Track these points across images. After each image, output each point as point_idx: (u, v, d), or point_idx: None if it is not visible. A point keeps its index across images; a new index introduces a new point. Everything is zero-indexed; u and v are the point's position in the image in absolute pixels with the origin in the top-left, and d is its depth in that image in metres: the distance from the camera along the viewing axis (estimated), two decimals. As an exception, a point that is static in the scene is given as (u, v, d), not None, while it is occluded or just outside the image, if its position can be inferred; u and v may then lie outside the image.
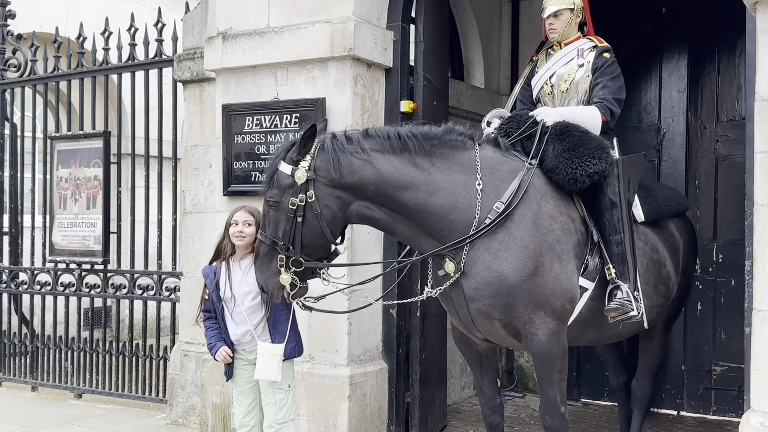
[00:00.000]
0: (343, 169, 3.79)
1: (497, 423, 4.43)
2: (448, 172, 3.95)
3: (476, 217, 3.91)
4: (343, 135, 3.90)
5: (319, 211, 3.78)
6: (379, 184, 3.85)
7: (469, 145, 4.06)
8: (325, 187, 3.79)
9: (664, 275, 4.66)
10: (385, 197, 3.88)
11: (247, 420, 4.29)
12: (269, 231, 3.84)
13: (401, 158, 3.89)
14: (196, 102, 6.38)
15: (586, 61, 4.66)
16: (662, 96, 6.93)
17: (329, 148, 3.81)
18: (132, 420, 6.50)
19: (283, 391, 4.18)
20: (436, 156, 3.96)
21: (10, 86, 8.00)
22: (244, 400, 4.29)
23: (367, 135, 3.92)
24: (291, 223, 3.77)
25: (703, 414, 6.60)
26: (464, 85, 7.38)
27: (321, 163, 3.79)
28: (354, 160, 3.81)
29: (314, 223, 3.79)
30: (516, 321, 3.96)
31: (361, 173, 3.83)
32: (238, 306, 4.18)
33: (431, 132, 4.01)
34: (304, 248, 3.80)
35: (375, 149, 3.86)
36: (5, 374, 7.86)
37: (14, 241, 7.96)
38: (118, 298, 7.16)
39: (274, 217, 3.82)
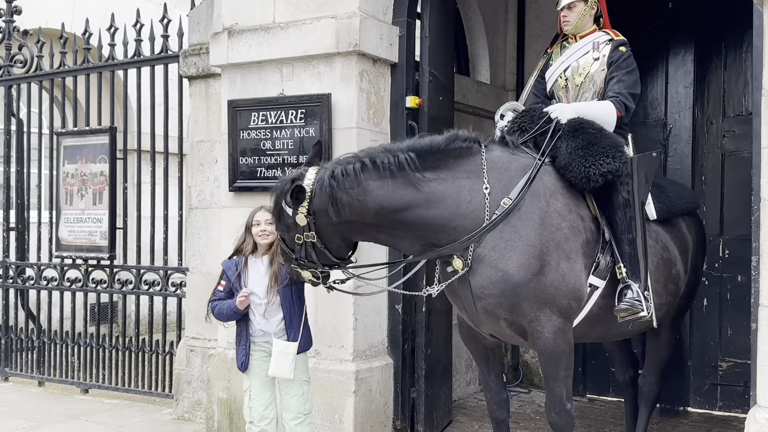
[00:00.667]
0: (341, 210, 3.83)
1: (503, 418, 4.43)
2: (453, 181, 3.92)
3: (485, 219, 3.90)
4: (340, 171, 3.84)
5: (323, 246, 3.91)
6: (378, 212, 3.86)
7: (474, 149, 4.03)
8: (326, 225, 3.87)
9: (674, 274, 4.65)
10: (384, 221, 3.91)
11: (267, 412, 4.38)
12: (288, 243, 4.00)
13: (398, 181, 3.85)
14: (202, 98, 6.39)
15: (602, 54, 4.62)
16: (668, 91, 6.91)
17: (326, 190, 3.81)
18: (138, 415, 6.53)
19: (307, 383, 4.38)
20: (439, 169, 3.92)
21: (17, 82, 8.03)
22: (265, 392, 4.38)
23: (363, 167, 3.86)
24: (302, 249, 3.93)
25: (709, 410, 6.59)
26: (470, 81, 7.37)
27: (319, 205, 3.84)
28: (352, 199, 3.82)
29: (321, 251, 3.93)
30: (522, 320, 3.96)
31: (359, 208, 3.85)
32: (260, 300, 4.32)
33: (434, 145, 3.96)
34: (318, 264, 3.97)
35: (372, 179, 3.84)
36: (12, 369, 7.90)
37: (21, 236, 7.99)
38: (124, 293, 7.18)
39: (288, 240, 3.99)
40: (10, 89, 8.08)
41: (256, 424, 4.36)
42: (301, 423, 4.32)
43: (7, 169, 8.08)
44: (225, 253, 5.70)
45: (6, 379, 7.89)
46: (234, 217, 5.67)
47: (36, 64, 7.81)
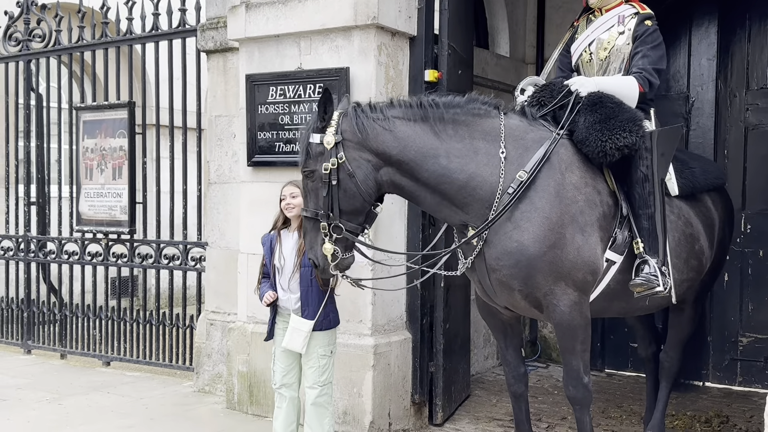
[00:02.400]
0: (367, 133, 3.86)
1: (521, 392, 4.44)
2: (470, 141, 3.94)
3: (500, 187, 3.89)
4: (367, 104, 3.97)
5: (351, 171, 3.84)
6: (400, 151, 3.88)
7: (493, 113, 4.04)
8: (354, 149, 3.86)
9: (697, 250, 4.60)
10: (407, 165, 3.90)
11: (287, 379, 4.52)
12: (311, 204, 3.94)
13: (423, 127, 3.92)
14: (220, 72, 6.37)
15: (627, 28, 4.54)
16: (691, 64, 6.82)
17: (352, 113, 3.90)
18: (159, 387, 6.60)
19: (326, 357, 4.44)
20: (458, 124, 3.96)
21: (35, 56, 8.05)
22: (285, 360, 4.50)
23: (390, 104, 3.99)
24: (327, 188, 3.84)
25: (729, 385, 6.58)
26: (489, 54, 7.30)
27: (346, 127, 3.87)
28: (376, 126, 3.88)
29: (349, 184, 3.85)
30: (537, 292, 3.95)
31: (383, 139, 3.87)
32: (285, 275, 4.43)
33: (454, 101, 4.02)
34: (343, 213, 3.86)
35: (397, 117, 3.92)
36: (35, 342, 8.00)
37: (42, 211, 8.05)
38: (144, 267, 7.23)
39: (312, 188, 3.91)
40: (29, 64, 8.10)
41: (277, 388, 4.55)
42: (317, 392, 4.43)
43: (27, 143, 8.12)
44: (244, 228, 5.76)
45: (29, 352, 8.00)
46: (253, 191, 5.68)
47: (54, 39, 7.82)
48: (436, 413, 5.53)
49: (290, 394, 4.51)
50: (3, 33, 8.21)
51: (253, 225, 5.47)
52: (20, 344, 8.07)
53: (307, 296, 4.37)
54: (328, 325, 4.43)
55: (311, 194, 3.94)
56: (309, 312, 4.37)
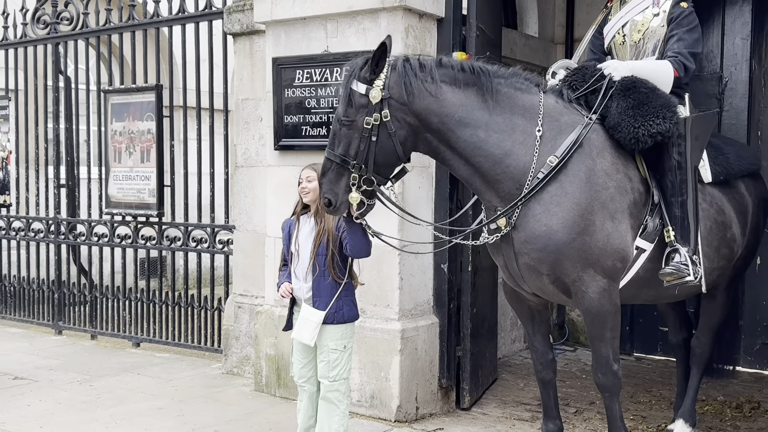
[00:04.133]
0: (414, 93, 3.77)
1: (549, 378, 4.41)
2: (510, 115, 3.90)
3: (532, 168, 3.86)
4: (417, 60, 3.85)
5: (393, 131, 3.76)
6: (442, 117, 3.83)
7: (534, 90, 4.00)
8: (398, 109, 3.76)
9: (728, 237, 4.53)
10: (446, 131, 3.85)
11: (304, 372, 4.37)
12: (339, 149, 3.79)
13: (468, 93, 3.86)
14: (246, 55, 6.36)
15: (662, 10, 4.43)
16: (725, 43, 6.69)
17: (401, 70, 3.77)
18: (188, 369, 6.66)
19: (337, 351, 4.23)
20: (501, 95, 3.91)
21: (63, 39, 8.08)
22: (303, 352, 4.35)
23: (439, 64, 3.88)
24: (366, 142, 3.74)
25: (760, 369, 6.51)
26: (517, 34, 7.20)
27: (394, 84, 3.76)
28: (423, 89, 3.79)
29: (387, 142, 3.77)
30: (565, 278, 3.91)
31: (428, 104, 3.80)
32: (300, 263, 4.26)
33: (499, 71, 3.98)
34: (376, 166, 3.77)
35: (445, 80, 3.84)
36: (65, 323, 8.11)
37: (71, 193, 8.12)
38: (172, 250, 7.28)
39: (346, 135, 3.78)
40: (57, 46, 8.14)
41: (296, 380, 4.43)
42: (326, 387, 4.25)
43: (56, 126, 8.18)
44: (271, 212, 5.77)
45: (60, 333, 8.11)
46: (279, 175, 5.68)
47: (82, 22, 7.84)
48: (463, 397, 5.52)
49: (309, 387, 4.36)
50: (31, 16, 8.25)
51: (280, 208, 5.46)
52: (51, 325, 8.19)
53: (318, 286, 4.19)
54: (341, 319, 4.21)
55: (342, 140, 3.79)
56: (320, 303, 4.19)
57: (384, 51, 3.74)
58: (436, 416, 5.41)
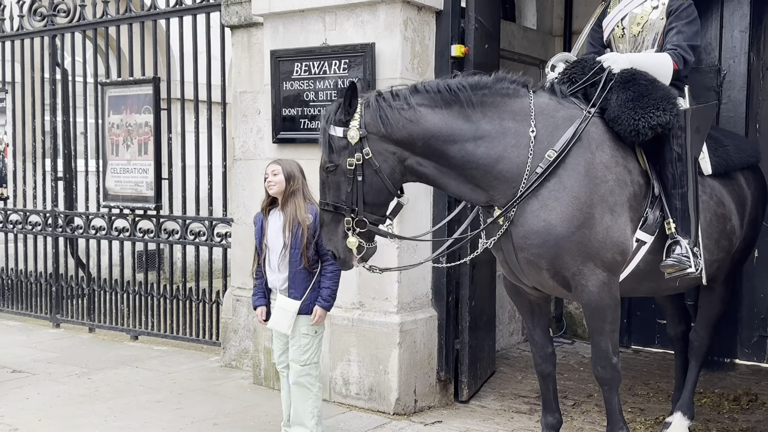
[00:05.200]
0: (391, 124, 3.77)
1: (548, 372, 4.41)
2: (499, 121, 3.87)
3: (527, 166, 3.84)
4: (389, 92, 3.86)
5: (378, 166, 3.77)
6: (427, 139, 3.81)
7: (522, 92, 3.96)
8: (379, 143, 3.77)
9: (728, 230, 4.54)
10: (432, 151, 3.84)
11: (283, 358, 4.56)
12: (330, 197, 3.84)
13: (450, 111, 3.84)
14: (244, 47, 6.34)
15: (661, 2, 4.42)
16: (723, 36, 6.68)
17: (374, 105, 3.78)
18: (187, 362, 6.66)
19: (308, 336, 4.42)
20: (487, 106, 3.88)
21: (60, 32, 8.05)
22: (281, 339, 4.55)
23: (414, 90, 3.87)
24: (352, 183, 3.77)
25: (757, 362, 6.52)
26: (516, 27, 7.19)
27: (370, 120, 3.77)
28: (400, 116, 3.78)
29: (374, 179, 3.78)
30: (565, 272, 3.91)
31: (409, 129, 3.79)
32: (273, 255, 4.43)
33: (481, 82, 3.93)
34: (367, 206, 3.79)
35: (422, 104, 3.82)
36: (63, 316, 8.10)
37: (68, 186, 8.10)
38: (170, 243, 7.26)
39: (333, 182, 3.82)
40: (54, 39, 8.11)
41: (277, 366, 4.62)
42: (298, 371, 4.42)
43: (53, 118, 8.16)
44: (269, 205, 5.74)
45: (58, 326, 8.10)
46: (278, 168, 5.66)
47: (79, 14, 7.81)
48: (461, 390, 5.53)
49: (287, 373, 4.53)
50: (28, 8, 8.22)
51: (279, 202, 5.46)
52: (49, 318, 8.18)
53: (294, 277, 4.37)
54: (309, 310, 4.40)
55: (331, 187, 3.84)
56: (295, 293, 4.37)
57: (354, 91, 3.74)
58: (435, 409, 5.42)
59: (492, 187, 3.89)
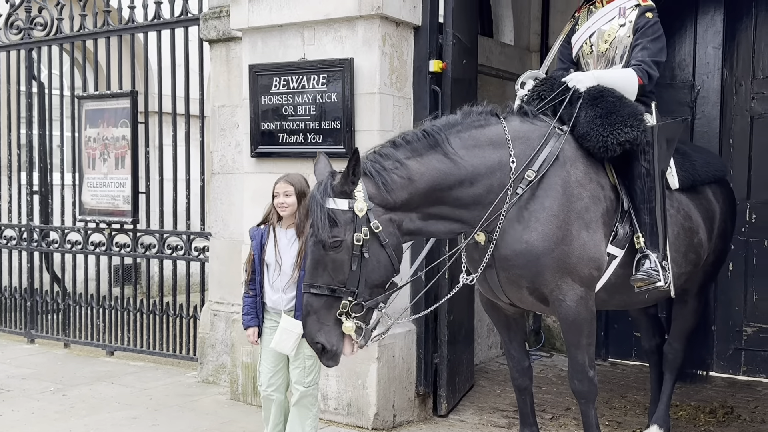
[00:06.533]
0: (394, 189, 3.55)
1: (525, 386, 4.43)
2: (482, 154, 3.82)
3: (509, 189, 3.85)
4: (377, 154, 3.66)
5: (386, 241, 3.51)
6: (424, 194, 3.66)
7: (493, 121, 3.97)
8: (383, 213, 3.52)
9: (695, 243, 4.60)
10: (428, 203, 3.70)
11: (274, 379, 4.42)
12: (324, 278, 3.45)
13: (435, 155, 3.71)
14: (223, 61, 6.34)
15: (628, 20, 4.50)
16: (697, 52, 6.78)
17: (372, 171, 3.54)
18: (163, 378, 6.61)
19: (313, 357, 4.27)
20: (464, 139, 3.82)
21: (37, 45, 8.00)
22: (273, 360, 4.39)
23: (396, 145, 3.69)
24: (357, 261, 3.44)
25: (733, 374, 6.58)
26: (493, 42, 7.25)
27: (373, 189, 3.52)
28: (398, 177, 3.58)
29: (381, 255, 3.50)
30: (543, 288, 3.95)
31: (408, 188, 3.61)
32: (282, 274, 4.27)
33: (451, 120, 3.88)
34: (369, 288, 3.50)
35: (409, 157, 3.65)
36: (38, 331, 8.00)
37: (44, 200, 8.04)
38: (147, 257, 7.22)
39: (333, 261, 3.44)
40: (30, 52, 8.06)
41: (264, 389, 4.45)
42: (301, 393, 4.33)
43: (29, 132, 8.09)
44: (247, 219, 5.73)
45: (32, 341, 8.00)
46: (256, 182, 5.66)
47: (56, 27, 7.78)
48: (440, 404, 5.53)
49: (277, 396, 4.41)
50: (4, 21, 8.17)
51: (257, 216, 5.39)
52: (23, 333, 8.08)
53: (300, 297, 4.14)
54: None
55: (329, 266, 3.44)
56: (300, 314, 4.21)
57: (358, 160, 3.43)
58: (414, 423, 5.41)
59: (477, 218, 3.85)
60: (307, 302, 3.50)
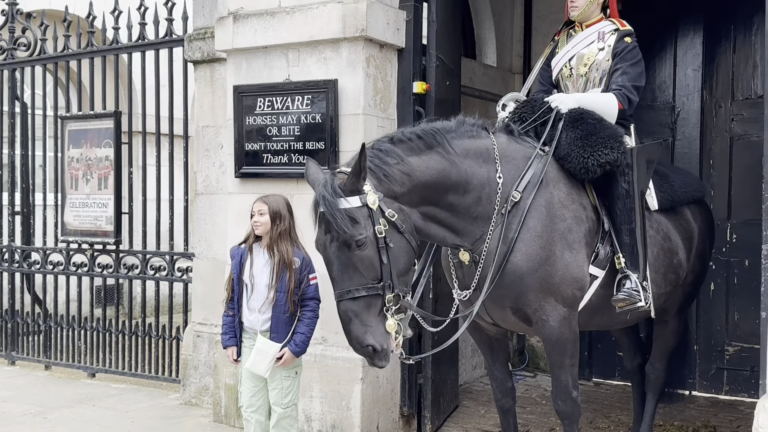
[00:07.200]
0: (397, 181, 3.58)
1: (509, 406, 4.43)
2: (474, 164, 3.85)
3: (495, 210, 3.87)
4: (377, 149, 3.64)
5: (403, 227, 3.53)
6: (424, 188, 3.68)
7: (483, 134, 4.00)
8: (392, 203, 3.53)
9: (675, 263, 4.64)
10: (427, 201, 3.71)
11: (254, 400, 4.41)
12: (358, 279, 3.40)
13: (432, 155, 3.72)
14: (207, 82, 6.35)
15: (607, 44, 4.56)
16: (677, 74, 6.86)
17: (374, 167, 3.54)
18: (146, 400, 6.55)
19: (290, 378, 4.32)
20: (459, 147, 3.84)
21: (20, 65, 7.99)
22: (253, 381, 4.39)
23: (394, 142, 3.70)
24: (385, 253, 3.44)
25: (715, 394, 6.60)
26: (476, 64, 7.31)
27: (375, 182, 3.52)
28: (398, 170, 3.60)
29: (402, 242, 3.52)
30: (527, 308, 3.96)
31: (408, 182, 3.62)
32: (255, 294, 4.30)
33: (447, 125, 3.91)
34: (399, 277, 3.49)
35: (408, 154, 3.67)
36: (19, 353, 7.92)
37: (26, 220, 7.99)
38: (130, 278, 7.17)
39: (363, 259, 3.41)
40: (14, 72, 8.04)
41: (245, 409, 4.44)
42: (279, 414, 4.34)
43: (11, 152, 8.06)
44: (231, 239, 5.71)
45: (13, 363, 7.91)
46: (240, 202, 5.65)
47: (40, 48, 7.77)
48: (424, 425, 5.51)
49: (256, 417, 4.39)
50: (-13, 42, 8.15)
51: (240, 237, 5.38)
52: (4, 355, 7.99)
53: (277, 320, 4.26)
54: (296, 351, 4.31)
55: (359, 266, 3.40)
56: (278, 336, 4.26)
57: (365, 156, 3.40)
58: (398, 444, 5.40)
59: (465, 233, 3.87)
60: (345, 309, 3.40)
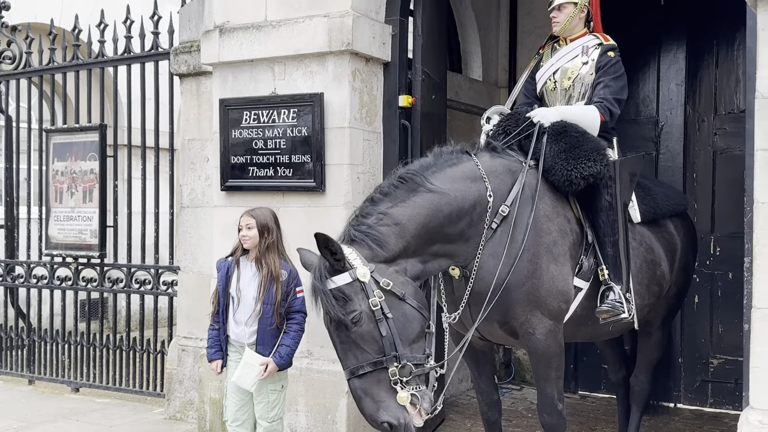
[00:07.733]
0: (387, 241, 3.51)
1: (495, 419, 4.44)
2: (461, 187, 3.84)
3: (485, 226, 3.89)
4: (356, 217, 3.64)
5: (403, 293, 3.47)
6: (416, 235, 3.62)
7: (465, 158, 4.01)
8: (386, 268, 3.48)
9: (658, 275, 4.68)
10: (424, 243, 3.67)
11: (239, 414, 4.40)
12: (361, 356, 3.38)
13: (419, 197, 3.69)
14: (193, 96, 6.35)
15: (591, 59, 4.62)
16: (660, 88, 6.93)
17: (358, 236, 3.51)
18: (130, 415, 6.50)
19: (276, 392, 4.32)
20: (441, 178, 3.83)
21: (5, 78, 7.96)
22: (239, 394, 4.38)
23: (375, 201, 3.66)
24: (384, 324, 3.39)
25: (700, 406, 6.63)
26: (462, 78, 7.35)
27: (365, 251, 3.47)
28: (386, 228, 3.55)
29: (404, 308, 3.46)
30: (513, 321, 3.98)
31: (400, 235, 3.58)
32: (242, 307, 4.29)
33: (424, 162, 3.90)
34: (408, 345, 3.44)
35: (390, 207, 3.62)
36: (1, 368, 7.84)
37: (10, 234, 7.93)
38: (115, 292, 7.13)
39: (362, 335, 3.39)
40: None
41: (230, 424, 4.42)
42: (265, 427, 4.33)
43: (-5, 165, 8.02)
44: (217, 253, 5.69)
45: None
46: (226, 216, 5.64)
47: (25, 61, 7.74)
48: (410, 439, 5.49)
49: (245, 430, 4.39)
50: (-28, 54, 8.12)
51: (226, 250, 5.36)
52: (-13, 370, 7.93)
53: (264, 333, 4.25)
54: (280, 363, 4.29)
55: (359, 343, 3.37)
56: (264, 349, 4.26)
57: (328, 239, 3.34)
58: (384, 458, 5.37)
59: (457, 255, 3.87)
60: (354, 388, 3.39)
